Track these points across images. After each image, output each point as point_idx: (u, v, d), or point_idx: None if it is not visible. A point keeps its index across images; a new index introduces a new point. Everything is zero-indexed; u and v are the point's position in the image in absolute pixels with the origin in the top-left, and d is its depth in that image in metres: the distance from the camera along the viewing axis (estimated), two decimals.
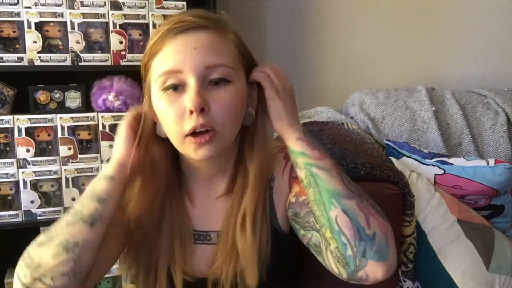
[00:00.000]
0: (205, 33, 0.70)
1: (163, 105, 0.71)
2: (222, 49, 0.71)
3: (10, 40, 1.35)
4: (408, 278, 1.11)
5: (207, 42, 0.70)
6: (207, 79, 0.70)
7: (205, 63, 0.69)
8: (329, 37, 1.85)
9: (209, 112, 0.69)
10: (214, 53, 0.70)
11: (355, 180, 1.04)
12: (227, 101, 0.70)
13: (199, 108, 0.67)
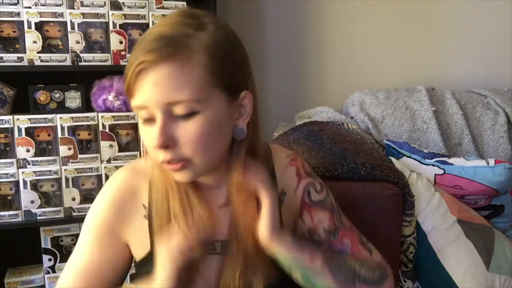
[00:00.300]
0: (165, 66, 0.64)
1: (144, 135, 0.70)
2: (183, 81, 0.65)
3: (10, 40, 1.35)
4: (408, 278, 1.11)
5: (166, 77, 0.64)
6: (173, 113, 0.66)
7: (165, 100, 0.65)
8: (329, 37, 1.85)
9: (175, 147, 0.67)
10: (173, 88, 0.64)
11: (355, 180, 1.05)
12: (194, 133, 0.67)
13: (163, 146, 0.66)
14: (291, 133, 1.34)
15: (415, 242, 1.10)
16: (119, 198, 0.77)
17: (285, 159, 0.84)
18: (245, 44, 0.74)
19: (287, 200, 0.81)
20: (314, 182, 0.84)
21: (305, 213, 0.82)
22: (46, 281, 1.46)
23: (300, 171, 0.84)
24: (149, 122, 0.68)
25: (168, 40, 0.65)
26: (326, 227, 0.82)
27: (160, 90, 0.65)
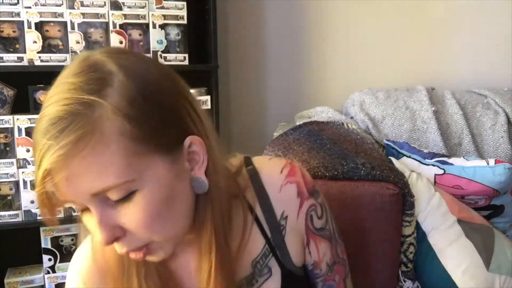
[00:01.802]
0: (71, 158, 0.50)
1: (89, 227, 0.58)
2: (100, 167, 0.50)
3: (10, 40, 1.35)
4: (408, 278, 1.11)
5: (77, 170, 0.50)
6: (106, 201, 0.53)
7: (88, 192, 0.51)
8: (329, 37, 1.85)
9: (126, 235, 0.55)
10: (92, 178, 0.50)
11: (355, 180, 1.05)
12: (141, 217, 0.53)
13: (111, 242, 0.54)
14: (291, 133, 1.34)
15: (415, 242, 1.10)
16: None
17: (279, 176, 0.70)
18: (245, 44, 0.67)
19: (290, 224, 0.70)
20: (316, 205, 0.72)
21: (311, 242, 0.72)
22: (46, 281, 1.46)
23: (302, 189, 0.70)
24: (86, 211, 0.55)
25: (63, 124, 0.49)
26: (328, 261, 0.74)
27: (76, 185, 0.51)
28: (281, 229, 0.69)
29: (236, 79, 1.81)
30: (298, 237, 0.71)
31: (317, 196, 0.73)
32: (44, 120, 0.51)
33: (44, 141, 0.50)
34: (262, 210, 0.69)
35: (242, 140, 1.84)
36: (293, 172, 0.71)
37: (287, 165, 0.71)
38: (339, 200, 1.01)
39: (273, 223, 0.69)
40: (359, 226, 1.02)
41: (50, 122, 0.50)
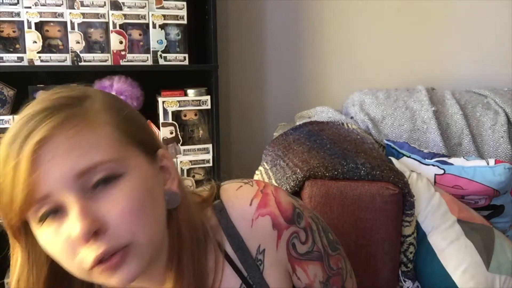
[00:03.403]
0: (56, 138, 0.49)
1: (45, 241, 0.51)
2: (90, 143, 0.51)
3: (10, 40, 1.35)
4: (408, 278, 1.11)
5: (64, 147, 0.49)
6: (87, 188, 0.50)
7: (73, 172, 0.49)
8: (329, 37, 1.85)
9: (107, 230, 0.50)
10: (80, 154, 0.50)
11: (355, 180, 1.05)
12: (125, 202, 0.51)
13: (90, 233, 0.49)
14: (291, 133, 1.34)
15: (415, 242, 1.10)
16: None
17: (248, 209, 0.63)
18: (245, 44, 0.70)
19: (269, 258, 0.64)
20: (298, 231, 0.66)
21: (298, 268, 0.67)
22: None
23: (278, 219, 0.64)
24: (55, 215, 0.50)
25: (48, 111, 0.50)
26: (320, 279, 0.70)
27: (62, 163, 0.49)
28: (258, 265, 0.64)
29: (236, 79, 1.81)
30: (280, 268, 0.66)
31: (299, 221, 0.67)
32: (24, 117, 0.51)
33: (27, 127, 0.49)
34: (233, 249, 0.63)
35: (242, 140, 1.84)
36: (265, 203, 0.64)
37: (257, 194, 0.65)
38: (339, 200, 1.01)
39: (247, 261, 0.64)
40: (359, 226, 1.02)
41: (33, 113, 0.51)
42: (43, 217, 0.50)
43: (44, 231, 0.51)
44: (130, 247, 0.51)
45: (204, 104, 1.49)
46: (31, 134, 0.49)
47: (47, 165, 0.49)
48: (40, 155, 0.49)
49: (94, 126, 0.52)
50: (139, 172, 0.54)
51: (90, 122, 0.52)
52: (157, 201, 0.56)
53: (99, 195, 0.51)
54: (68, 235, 0.49)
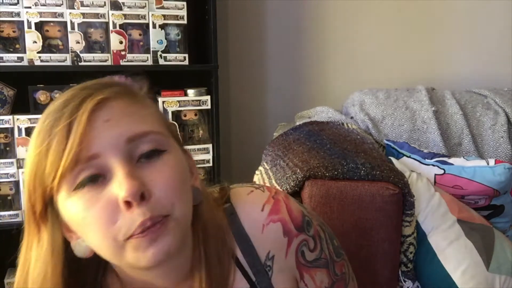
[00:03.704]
0: (114, 101, 0.53)
1: (80, 210, 0.50)
2: (143, 114, 0.54)
3: (10, 40, 1.35)
4: (408, 278, 1.11)
5: (121, 110, 0.52)
6: (135, 156, 0.52)
7: (125, 135, 0.51)
8: (329, 37, 1.85)
9: (151, 197, 0.50)
10: (134, 120, 0.53)
11: (355, 180, 1.05)
12: (168, 174, 0.52)
13: (138, 195, 0.49)
14: (291, 133, 1.34)
15: (415, 242, 1.10)
16: None
17: (259, 215, 0.63)
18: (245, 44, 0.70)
19: (277, 264, 0.64)
20: (308, 239, 0.67)
21: (306, 276, 0.67)
22: None
23: (289, 226, 0.64)
24: (94, 182, 0.50)
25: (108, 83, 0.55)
26: (326, 285, 0.70)
27: (116, 126, 0.51)
28: (267, 271, 0.64)
29: (236, 79, 1.81)
30: (288, 275, 0.66)
31: (308, 229, 0.67)
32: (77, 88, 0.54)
33: (84, 92, 0.52)
34: (242, 253, 0.63)
35: (242, 140, 1.84)
36: (277, 209, 0.64)
37: (269, 200, 0.65)
38: (339, 200, 1.01)
39: (257, 266, 0.64)
40: (359, 226, 1.02)
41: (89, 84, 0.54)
42: (81, 183, 0.50)
43: (78, 199, 0.50)
44: (169, 218, 0.52)
45: (204, 104, 1.49)
46: (91, 96, 0.51)
47: (103, 125, 0.51)
48: (98, 115, 0.51)
49: (146, 104, 0.56)
50: (177, 155, 0.56)
51: (141, 100, 0.56)
52: (189, 187, 0.57)
53: (143, 166, 0.52)
54: (110, 199, 0.49)
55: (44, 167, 0.50)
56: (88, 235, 0.52)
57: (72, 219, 0.52)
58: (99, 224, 0.50)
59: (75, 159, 0.49)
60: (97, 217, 0.50)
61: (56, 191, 0.51)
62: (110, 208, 0.50)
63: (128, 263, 0.52)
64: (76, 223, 0.52)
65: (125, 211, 0.49)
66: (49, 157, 0.50)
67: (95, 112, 0.51)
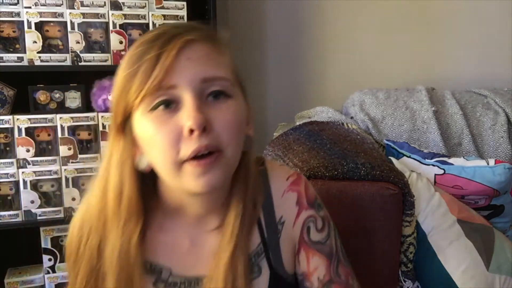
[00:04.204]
0: (198, 44, 0.61)
1: (151, 127, 0.59)
2: (219, 61, 0.62)
3: (10, 40, 1.35)
4: (408, 278, 1.11)
5: (202, 53, 0.61)
6: (204, 94, 0.60)
7: (201, 75, 0.59)
8: (329, 37, 1.85)
9: (211, 131, 0.59)
10: (211, 65, 0.61)
11: (355, 180, 1.05)
12: (230, 116, 0.61)
13: (201, 126, 0.57)
14: (291, 133, 1.34)
15: (415, 242, 1.10)
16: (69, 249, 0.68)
17: (283, 182, 0.73)
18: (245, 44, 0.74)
19: (286, 231, 0.72)
20: (316, 217, 0.73)
21: (302, 252, 0.72)
22: (46, 281, 1.46)
23: (302, 199, 0.73)
24: (167, 107, 0.59)
25: (199, 26, 0.65)
26: (321, 277, 0.72)
27: (195, 65, 0.60)
28: (277, 232, 0.71)
29: None
30: (291, 244, 0.73)
31: (319, 209, 0.74)
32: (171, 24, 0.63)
33: (175, 30, 0.61)
34: (263, 211, 0.71)
35: None
36: (298, 182, 0.74)
37: (294, 175, 0.75)
38: (339, 200, 1.01)
39: (271, 224, 0.71)
40: (359, 226, 1.02)
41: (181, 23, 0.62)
42: (157, 105, 0.59)
43: (152, 119, 0.59)
44: (222, 154, 0.60)
45: None
46: (181, 34, 0.60)
47: (185, 62, 0.59)
48: (183, 52, 0.59)
49: (224, 54, 0.64)
50: (240, 104, 0.64)
51: (222, 50, 0.64)
52: (243, 132, 0.65)
53: (210, 105, 0.60)
54: (177, 125, 0.58)
55: (130, 87, 0.59)
56: (152, 152, 0.61)
57: (142, 135, 0.61)
58: (164, 144, 0.59)
59: (157, 85, 0.58)
60: (164, 137, 0.59)
61: (135, 109, 0.60)
62: (176, 132, 0.58)
63: (179, 184, 0.61)
64: (145, 140, 0.61)
65: (187, 137, 0.58)
66: (136, 79, 0.59)
67: (181, 50, 0.59)
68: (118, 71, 0.63)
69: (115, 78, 0.63)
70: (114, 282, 0.64)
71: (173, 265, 0.69)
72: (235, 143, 0.62)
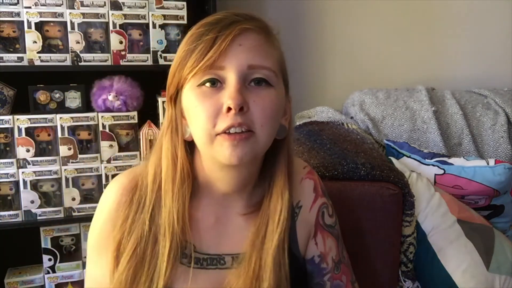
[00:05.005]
0: (252, 33, 0.67)
1: (195, 100, 0.66)
2: (268, 52, 0.68)
3: (10, 40, 1.34)
4: (408, 278, 1.11)
5: (253, 42, 0.67)
6: (248, 79, 0.66)
7: (248, 62, 0.65)
8: (329, 37, 1.85)
9: (247, 112, 0.65)
10: (259, 54, 0.67)
11: (355, 180, 1.05)
12: (267, 103, 0.66)
13: (239, 106, 0.63)
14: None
15: (415, 242, 1.10)
16: (116, 209, 0.72)
17: (302, 170, 0.81)
18: None
19: (302, 215, 0.79)
20: (328, 204, 0.82)
21: (319, 235, 0.80)
22: (46, 281, 1.46)
23: (318, 187, 0.81)
24: (213, 85, 0.65)
25: (257, 18, 0.71)
26: (334, 256, 0.80)
27: (245, 52, 0.66)
28: (294, 215, 0.78)
29: None
30: (306, 228, 0.79)
31: (328, 198, 0.83)
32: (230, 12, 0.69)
33: (234, 18, 0.67)
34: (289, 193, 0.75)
35: None
36: (312, 172, 0.83)
37: (308, 166, 0.84)
38: (339, 200, 1.01)
39: (290, 208, 0.75)
40: (359, 226, 1.02)
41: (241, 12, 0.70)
42: (204, 81, 0.66)
43: (198, 93, 0.66)
44: (252, 134, 0.65)
45: None
46: (239, 22, 0.67)
47: (237, 47, 0.65)
48: (237, 38, 0.66)
49: (273, 46, 0.70)
50: (280, 94, 0.70)
51: (272, 41, 0.71)
52: (278, 120, 0.70)
53: (251, 89, 0.66)
54: (218, 101, 0.64)
55: (186, 63, 0.66)
56: (193, 122, 0.67)
57: (187, 106, 0.68)
58: (204, 116, 0.65)
59: (210, 64, 0.64)
60: (204, 110, 0.65)
61: (186, 83, 0.67)
62: (216, 107, 0.64)
63: (211, 154, 0.67)
64: (189, 110, 0.67)
65: (224, 114, 0.64)
66: (192, 56, 0.65)
67: (236, 36, 0.65)
68: (179, 46, 0.70)
69: (176, 54, 0.70)
70: (169, 245, 0.69)
71: (196, 241, 0.73)
72: (268, 127, 0.66)
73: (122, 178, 0.75)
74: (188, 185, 0.71)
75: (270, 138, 0.68)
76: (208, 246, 0.74)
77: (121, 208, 0.71)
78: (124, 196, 0.72)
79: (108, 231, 0.72)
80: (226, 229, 0.75)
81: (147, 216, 0.70)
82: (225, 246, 0.74)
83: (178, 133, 0.71)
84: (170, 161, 0.70)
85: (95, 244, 0.74)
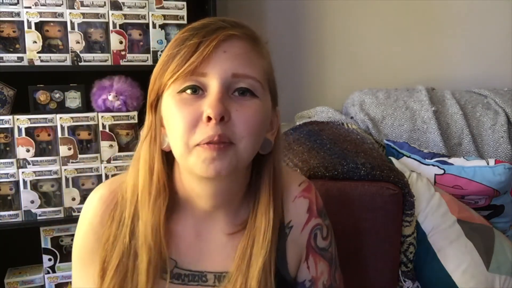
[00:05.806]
0: (238, 40, 0.63)
1: (174, 107, 0.62)
2: (254, 61, 0.64)
3: (10, 40, 1.34)
4: (408, 278, 1.11)
5: (239, 50, 0.63)
6: (232, 89, 0.62)
7: (233, 70, 0.62)
8: (329, 37, 1.85)
9: (228, 122, 0.61)
10: (245, 62, 0.63)
11: (355, 180, 1.05)
12: (251, 114, 0.62)
13: (219, 116, 0.59)
14: (291, 133, 1.34)
15: (415, 242, 1.10)
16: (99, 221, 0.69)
17: (296, 188, 0.76)
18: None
19: (293, 235, 0.74)
20: (322, 225, 0.76)
21: (311, 258, 0.75)
22: (46, 281, 1.46)
23: (313, 206, 0.76)
24: (194, 92, 0.62)
25: (242, 24, 0.66)
26: (325, 281, 0.76)
27: (229, 60, 0.62)
28: (284, 235, 0.73)
29: None
30: (296, 250, 0.75)
31: (324, 218, 0.78)
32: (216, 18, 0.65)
33: (220, 24, 0.63)
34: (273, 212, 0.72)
35: None
36: (309, 189, 0.77)
37: (305, 182, 0.78)
38: (339, 200, 1.01)
39: (280, 227, 0.72)
40: (359, 226, 1.02)
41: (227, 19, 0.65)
42: (185, 88, 0.62)
43: (178, 99, 0.62)
44: (233, 147, 0.61)
45: None
46: (225, 29, 0.63)
47: (221, 54, 0.62)
48: (222, 45, 0.62)
49: (260, 55, 0.66)
50: (266, 106, 0.66)
51: (259, 50, 0.66)
52: (262, 133, 0.66)
53: (234, 99, 0.62)
54: (198, 110, 0.60)
55: (168, 67, 0.63)
56: (171, 130, 0.63)
57: (166, 114, 0.64)
58: (182, 124, 0.61)
59: (191, 70, 0.61)
60: (183, 118, 0.61)
61: (166, 89, 0.64)
62: (195, 116, 0.61)
63: (188, 166, 0.63)
64: (168, 118, 0.64)
65: (204, 123, 0.60)
66: (174, 60, 0.62)
67: (220, 42, 0.62)
68: (163, 51, 0.68)
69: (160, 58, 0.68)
70: (147, 259, 0.66)
71: (178, 257, 0.70)
72: (250, 140, 0.62)
73: (102, 189, 0.72)
74: (164, 198, 0.67)
75: (252, 151, 0.64)
76: (189, 262, 0.71)
77: (103, 222, 0.69)
78: (104, 206, 0.70)
79: (91, 243, 0.70)
80: (208, 246, 0.71)
81: (127, 230, 0.68)
82: (207, 263, 0.71)
83: (156, 142, 0.67)
84: (147, 172, 0.67)
85: (79, 256, 0.72)
